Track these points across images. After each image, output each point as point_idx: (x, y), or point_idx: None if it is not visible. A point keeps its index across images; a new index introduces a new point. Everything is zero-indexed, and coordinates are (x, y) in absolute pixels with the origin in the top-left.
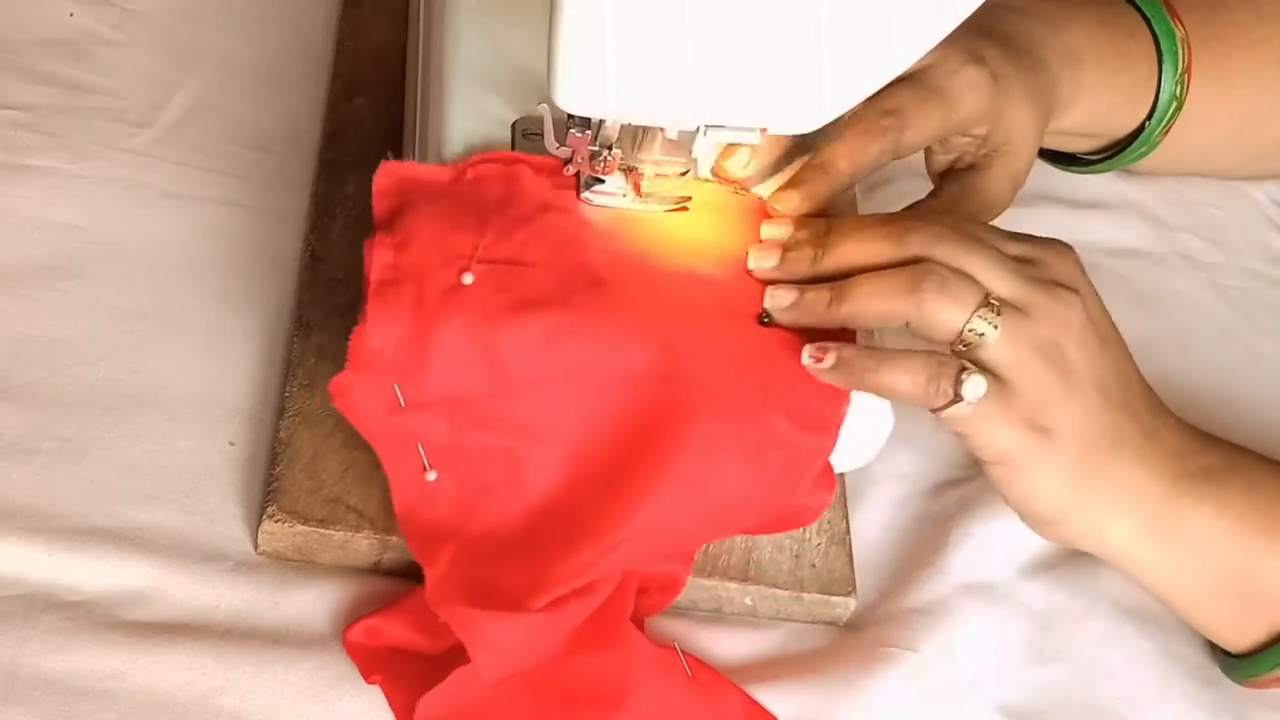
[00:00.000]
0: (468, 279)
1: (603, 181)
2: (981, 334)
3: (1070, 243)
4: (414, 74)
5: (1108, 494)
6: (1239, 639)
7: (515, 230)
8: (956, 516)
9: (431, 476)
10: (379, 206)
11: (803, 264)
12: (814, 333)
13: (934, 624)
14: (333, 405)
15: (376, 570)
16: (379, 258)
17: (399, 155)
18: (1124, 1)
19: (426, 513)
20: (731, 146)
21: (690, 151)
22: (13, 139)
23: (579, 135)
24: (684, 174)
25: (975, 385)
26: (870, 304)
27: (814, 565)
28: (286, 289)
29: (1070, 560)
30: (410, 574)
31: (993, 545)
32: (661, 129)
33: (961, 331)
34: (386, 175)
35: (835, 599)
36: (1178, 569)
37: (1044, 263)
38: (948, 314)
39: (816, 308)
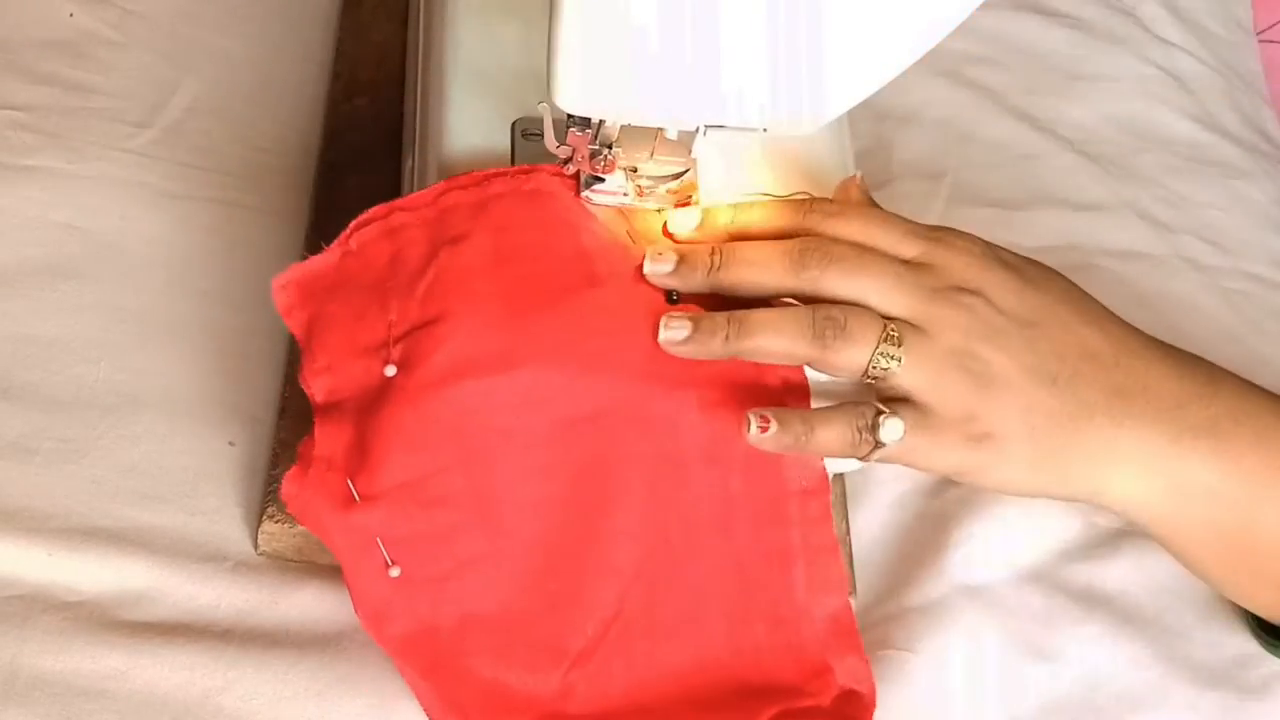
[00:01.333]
0: (390, 371)
1: (603, 180)
2: (886, 367)
3: (986, 240)
4: (414, 74)
5: (1087, 462)
6: (1267, 603)
7: (414, 287)
8: (956, 516)
9: (395, 573)
10: (293, 327)
11: (697, 273)
12: None
13: (933, 624)
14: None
15: None
16: (315, 386)
17: (399, 155)
18: None
19: (395, 617)
20: (682, 204)
21: (690, 151)
22: (12, 139)
23: (579, 134)
24: (684, 174)
25: (891, 429)
26: (771, 345)
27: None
28: None
29: (1069, 561)
30: None
31: (992, 546)
32: (661, 129)
33: (867, 368)
34: (284, 292)
35: None
36: (1189, 523)
37: (941, 266)
38: (850, 355)
39: (713, 343)
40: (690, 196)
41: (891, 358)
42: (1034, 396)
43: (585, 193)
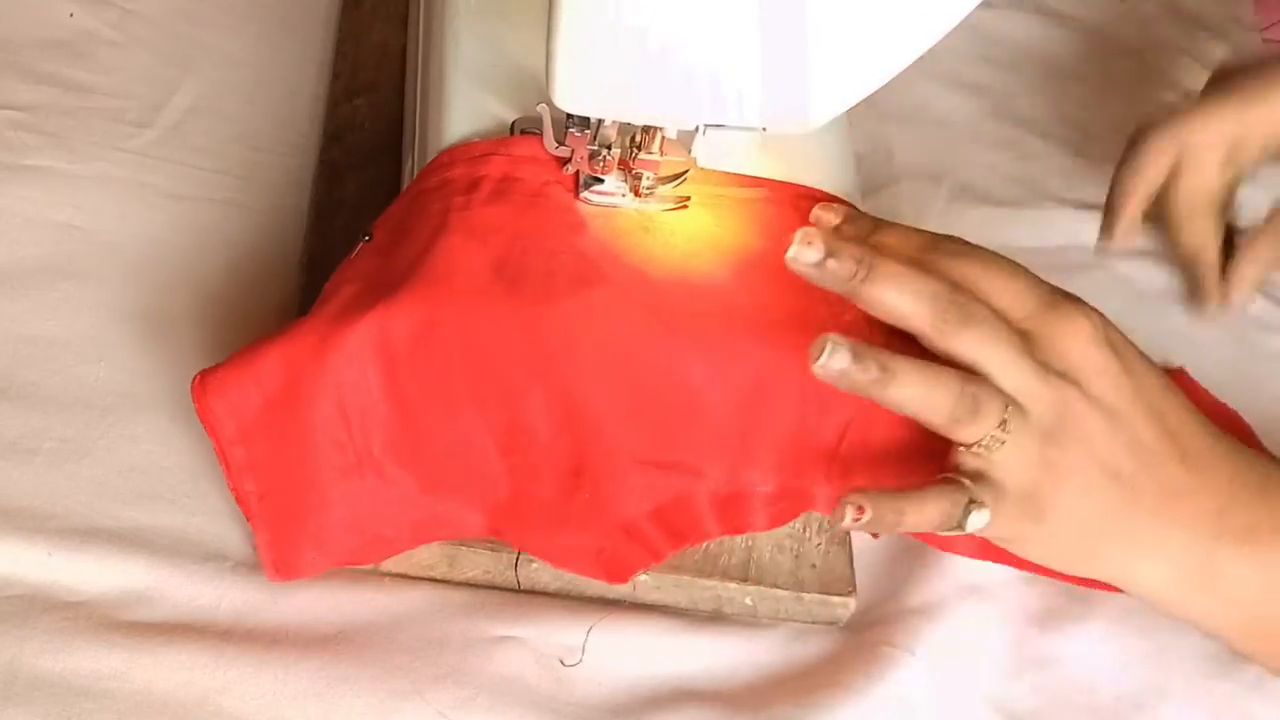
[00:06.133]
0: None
1: (602, 181)
2: (990, 449)
3: (1087, 299)
4: (414, 74)
5: (1122, 550)
6: None
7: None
8: None
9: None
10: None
11: (839, 275)
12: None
13: (934, 624)
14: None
15: (376, 571)
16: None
17: (399, 155)
18: None
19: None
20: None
21: (690, 151)
22: (13, 139)
23: (578, 135)
24: (684, 174)
25: (977, 520)
26: (909, 403)
27: (814, 565)
28: (286, 289)
29: None
30: (412, 575)
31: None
32: (661, 129)
33: (974, 445)
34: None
35: (835, 599)
36: (1213, 614)
37: (1049, 339)
38: (969, 434)
39: (862, 378)
40: (689, 197)
41: (1000, 442)
42: (1095, 488)
43: (584, 193)
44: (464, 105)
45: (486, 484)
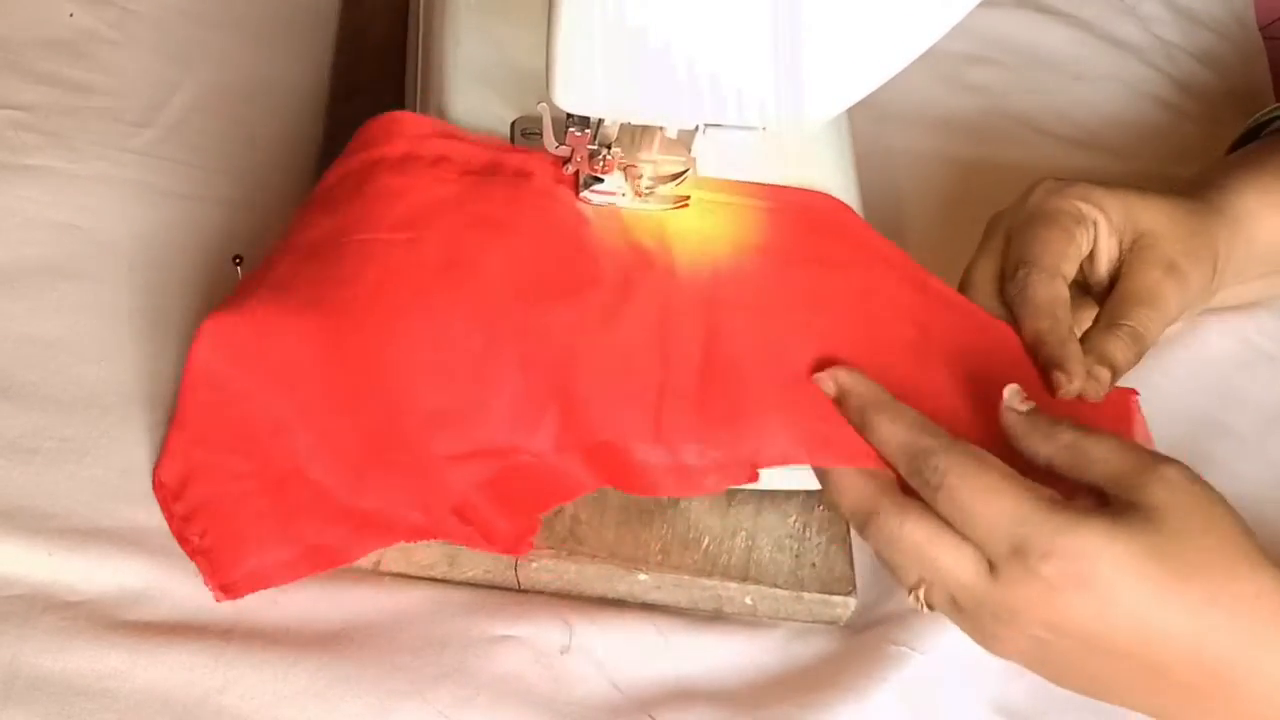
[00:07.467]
0: None
1: (602, 180)
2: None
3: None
4: (414, 74)
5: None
6: None
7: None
8: None
9: None
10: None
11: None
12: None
13: (934, 623)
14: None
15: (376, 570)
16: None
17: None
18: None
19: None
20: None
21: (690, 151)
22: (13, 139)
23: (578, 134)
24: (684, 173)
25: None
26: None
27: (814, 564)
28: None
29: None
30: (412, 574)
31: None
32: (661, 128)
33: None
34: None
35: (836, 598)
36: None
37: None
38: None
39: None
40: (689, 196)
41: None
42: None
43: (584, 193)
44: (464, 105)
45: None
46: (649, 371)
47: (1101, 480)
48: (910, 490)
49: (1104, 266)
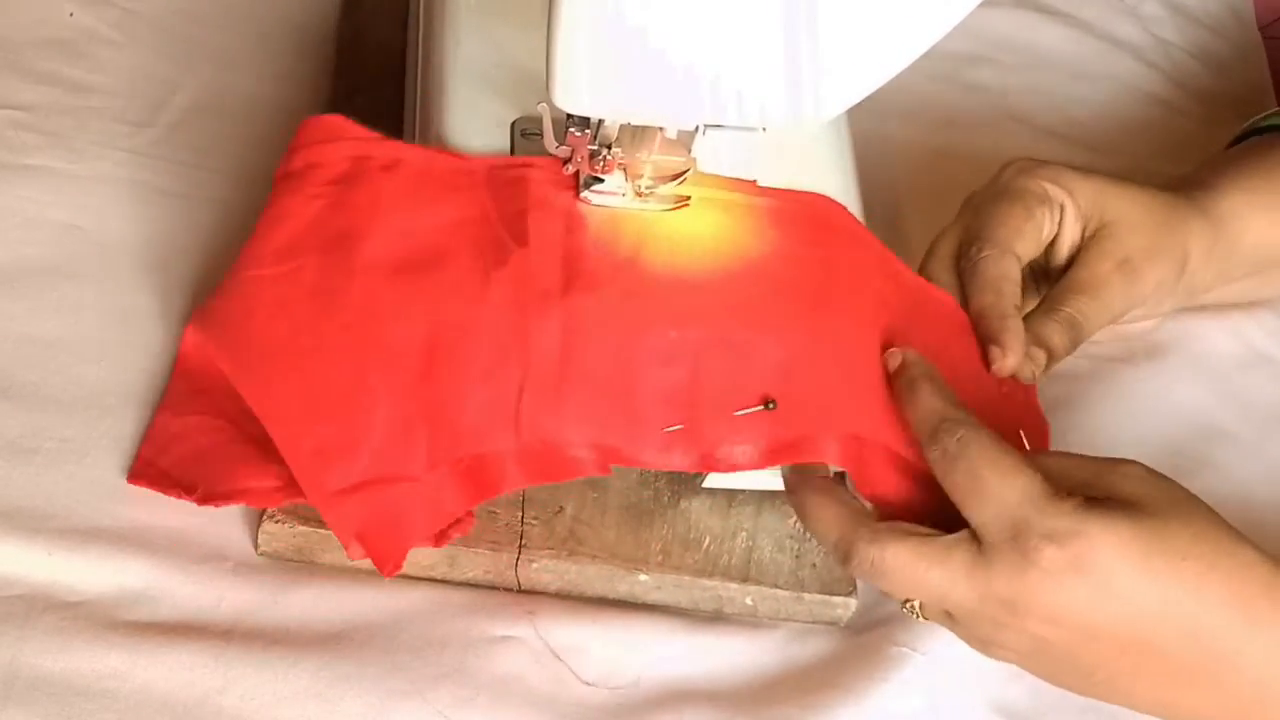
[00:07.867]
0: None
1: (602, 181)
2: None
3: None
4: (414, 74)
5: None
6: None
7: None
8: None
9: None
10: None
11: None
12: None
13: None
14: None
15: (375, 570)
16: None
17: None
18: None
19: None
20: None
21: (690, 151)
22: (12, 139)
23: (578, 135)
24: (684, 173)
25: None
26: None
27: (815, 565)
28: None
29: None
30: (412, 575)
31: None
32: (661, 128)
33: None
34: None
35: (836, 599)
36: None
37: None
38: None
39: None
40: (689, 197)
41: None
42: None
43: (584, 193)
44: (464, 105)
45: None
46: (508, 374)
47: (1072, 485)
48: (884, 516)
49: (1064, 251)
